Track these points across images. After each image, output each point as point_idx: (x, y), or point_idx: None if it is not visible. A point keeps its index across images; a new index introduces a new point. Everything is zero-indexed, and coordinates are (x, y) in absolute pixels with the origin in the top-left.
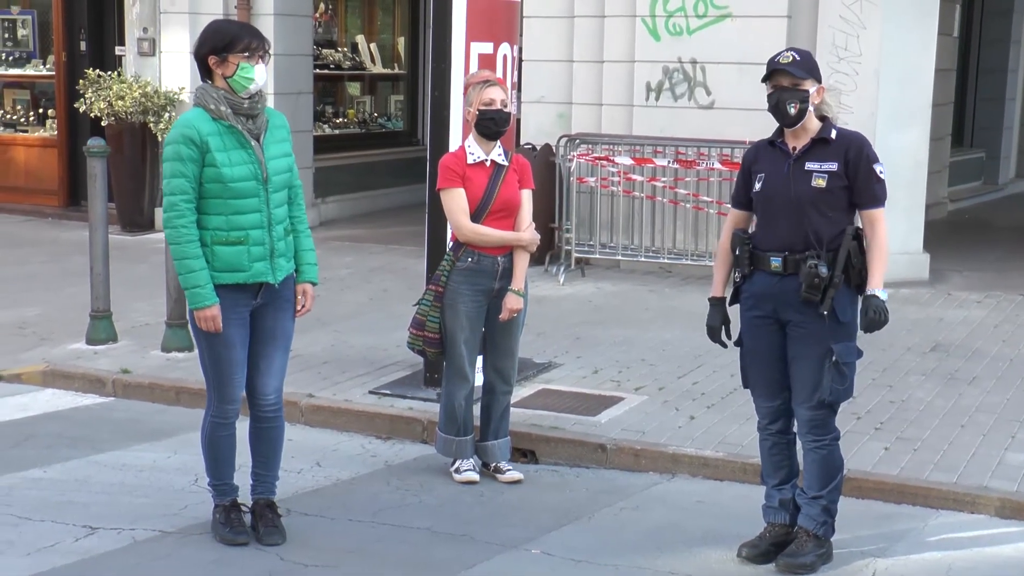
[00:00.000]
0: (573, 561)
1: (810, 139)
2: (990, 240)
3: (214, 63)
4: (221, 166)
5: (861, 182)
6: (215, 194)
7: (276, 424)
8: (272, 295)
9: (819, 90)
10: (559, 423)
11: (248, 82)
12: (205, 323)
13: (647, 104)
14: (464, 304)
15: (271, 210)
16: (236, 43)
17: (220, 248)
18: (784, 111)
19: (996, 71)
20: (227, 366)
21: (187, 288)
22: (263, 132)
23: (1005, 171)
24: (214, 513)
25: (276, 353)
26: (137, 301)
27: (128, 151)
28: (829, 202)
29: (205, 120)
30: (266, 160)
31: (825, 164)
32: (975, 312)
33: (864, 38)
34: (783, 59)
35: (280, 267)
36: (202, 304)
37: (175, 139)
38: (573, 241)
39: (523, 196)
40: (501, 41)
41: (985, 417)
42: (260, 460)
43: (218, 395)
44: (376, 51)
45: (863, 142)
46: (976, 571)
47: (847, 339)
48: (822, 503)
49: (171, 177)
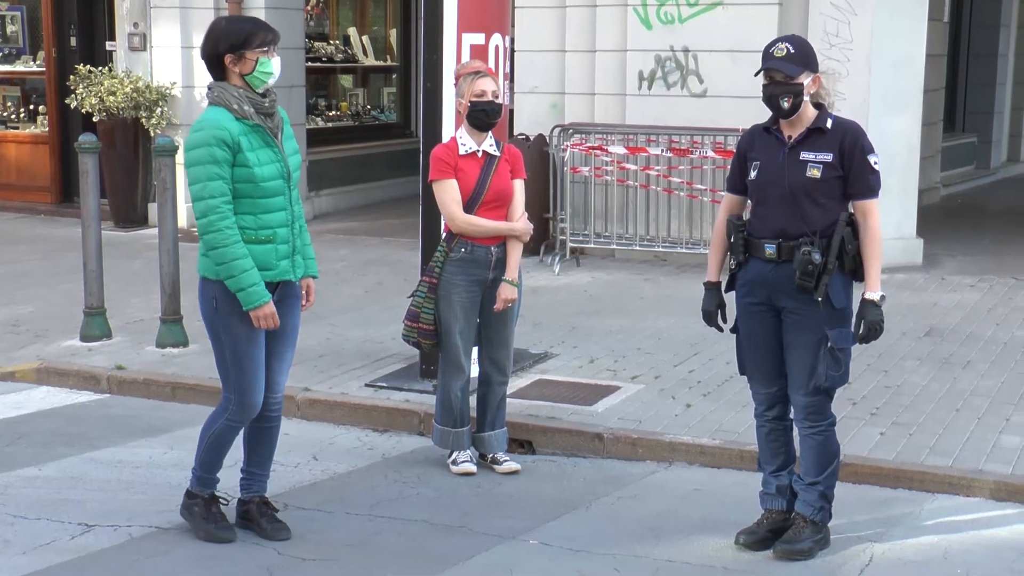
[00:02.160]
0: (571, 551)
1: (806, 128)
2: (983, 224)
3: (231, 61)
4: (253, 166)
5: (856, 173)
6: (245, 194)
7: (277, 423)
8: (287, 292)
9: (815, 79)
10: (556, 413)
11: (268, 76)
12: (264, 321)
13: (640, 93)
14: (458, 295)
15: (293, 207)
16: (253, 39)
17: (250, 247)
18: (777, 105)
19: (987, 56)
20: (252, 367)
21: (241, 289)
22: (280, 130)
23: (997, 155)
24: (191, 504)
25: (287, 350)
26: (131, 297)
27: (120, 147)
28: (823, 191)
29: (231, 120)
30: (287, 157)
31: (820, 154)
32: (969, 296)
33: (855, 24)
34: (777, 52)
35: (299, 264)
36: (259, 302)
37: (206, 141)
38: (568, 231)
39: (515, 186)
40: (493, 32)
41: (980, 401)
42: (255, 459)
43: (239, 398)
44: (368, 43)
45: (859, 132)
46: (972, 554)
47: (841, 325)
48: (819, 489)
49: (207, 180)
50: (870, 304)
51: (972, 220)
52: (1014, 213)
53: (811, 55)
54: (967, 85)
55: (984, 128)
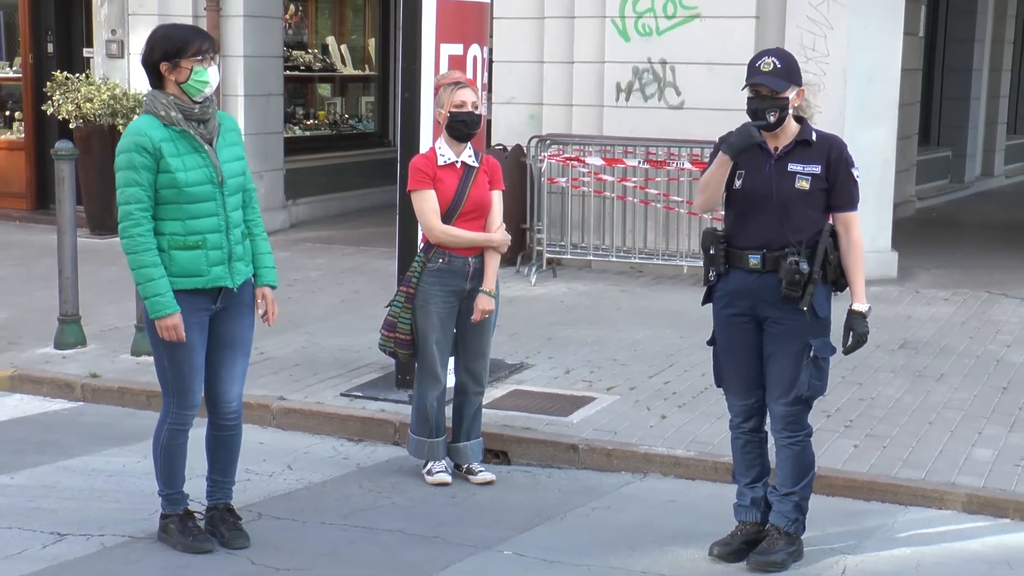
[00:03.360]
0: (545, 562)
1: (792, 140)
2: (957, 238)
3: (166, 69)
4: (176, 171)
5: (840, 185)
6: (171, 199)
7: (236, 432)
8: (231, 300)
9: (799, 93)
10: (531, 424)
11: (203, 85)
12: (167, 332)
13: (617, 104)
14: (436, 305)
15: (228, 214)
16: (187, 47)
17: (178, 253)
18: (763, 119)
19: (961, 70)
20: (188, 372)
21: (147, 297)
22: (215, 136)
23: (971, 169)
24: (166, 524)
25: (237, 359)
26: (106, 304)
27: (97, 154)
28: (810, 203)
29: (156, 127)
30: (220, 164)
31: (808, 166)
32: (943, 309)
33: (831, 38)
34: (763, 66)
35: (238, 271)
36: (163, 313)
37: (127, 147)
38: (544, 242)
39: (494, 197)
40: (471, 42)
41: (953, 414)
42: (218, 467)
43: (178, 401)
44: (347, 52)
45: (842, 145)
46: (945, 566)
47: (824, 334)
48: (794, 499)
49: (125, 186)
50: (858, 315)
51: (946, 233)
52: (988, 227)
53: (796, 69)
54: (942, 99)
55: (958, 142)
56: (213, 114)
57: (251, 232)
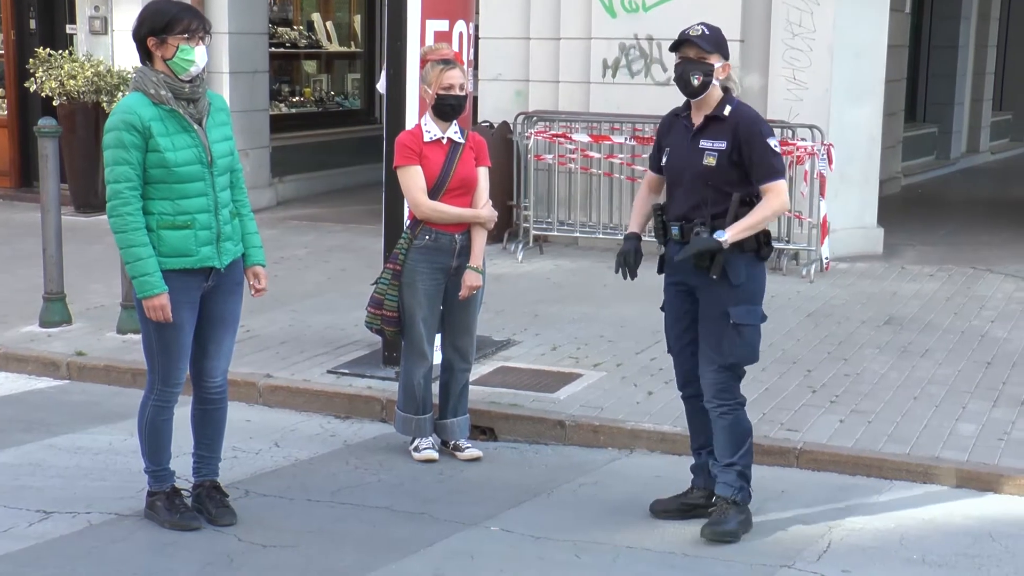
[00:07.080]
0: (533, 538)
1: (704, 116)
2: (943, 214)
3: (153, 45)
4: (165, 151)
5: (756, 158)
6: (160, 179)
7: (222, 406)
8: (221, 279)
9: (724, 67)
10: (518, 400)
11: (189, 64)
12: (154, 312)
13: (604, 81)
14: (422, 282)
15: (217, 194)
16: (175, 24)
17: (167, 232)
18: (687, 81)
19: (947, 47)
20: (175, 351)
21: (135, 277)
22: (205, 116)
23: (957, 146)
24: (153, 501)
25: (225, 336)
26: (91, 283)
27: (81, 131)
28: (720, 178)
29: (145, 105)
30: (209, 144)
31: (716, 142)
32: (928, 285)
33: (818, 14)
34: (692, 32)
35: (227, 251)
36: (151, 292)
37: (116, 126)
38: (531, 218)
39: (480, 173)
40: (457, 18)
41: (937, 389)
42: (205, 443)
43: (163, 379)
44: (332, 29)
45: (754, 119)
46: (929, 539)
47: (746, 302)
48: (736, 468)
49: (114, 164)
50: (711, 239)
51: (932, 210)
52: (973, 203)
53: (724, 42)
54: (928, 76)
55: (944, 119)
56: (203, 94)
57: (238, 212)
